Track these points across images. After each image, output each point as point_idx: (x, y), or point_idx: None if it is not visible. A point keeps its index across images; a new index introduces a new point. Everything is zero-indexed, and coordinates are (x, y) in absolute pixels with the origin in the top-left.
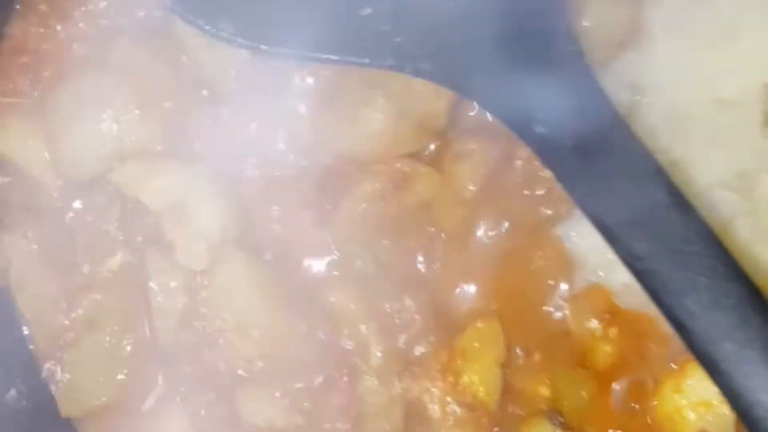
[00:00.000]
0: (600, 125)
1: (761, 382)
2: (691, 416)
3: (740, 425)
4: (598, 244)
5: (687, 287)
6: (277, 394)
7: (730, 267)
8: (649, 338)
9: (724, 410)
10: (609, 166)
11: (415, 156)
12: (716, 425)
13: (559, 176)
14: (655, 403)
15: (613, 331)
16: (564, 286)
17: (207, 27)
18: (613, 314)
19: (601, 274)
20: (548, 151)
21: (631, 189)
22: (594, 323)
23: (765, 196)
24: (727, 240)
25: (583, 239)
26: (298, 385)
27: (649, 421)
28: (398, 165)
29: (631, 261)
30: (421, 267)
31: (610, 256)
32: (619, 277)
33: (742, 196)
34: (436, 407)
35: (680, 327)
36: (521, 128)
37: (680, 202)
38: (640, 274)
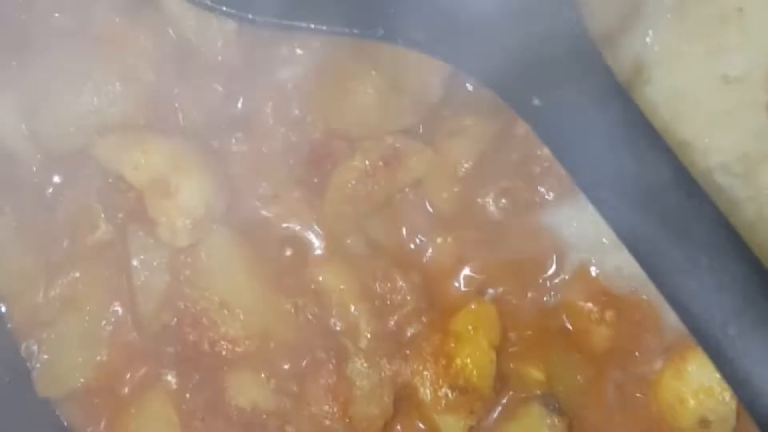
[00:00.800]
0: (600, 99)
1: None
2: (692, 403)
3: (742, 413)
4: (590, 227)
5: (689, 267)
6: (263, 376)
7: (735, 247)
8: (645, 325)
9: (726, 397)
10: (609, 142)
11: (407, 132)
12: (717, 413)
13: (557, 152)
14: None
15: (609, 314)
16: (557, 270)
17: None
18: (609, 297)
19: (593, 259)
20: (545, 126)
21: (633, 166)
22: (590, 306)
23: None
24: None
25: (576, 222)
26: (285, 366)
27: (649, 408)
28: (390, 141)
29: (630, 240)
30: (413, 246)
31: (603, 239)
32: (611, 261)
33: (743, 182)
34: (428, 391)
35: (682, 310)
36: (517, 101)
37: (684, 179)
38: (639, 254)
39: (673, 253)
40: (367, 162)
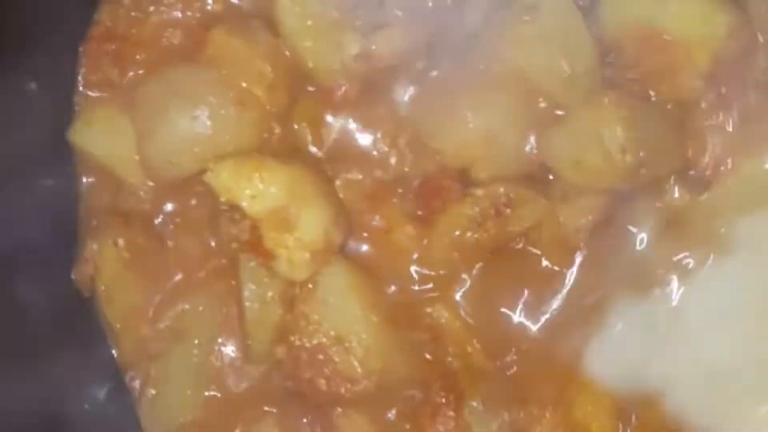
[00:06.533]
0: None
1: None
2: None
3: None
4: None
5: None
6: (378, 416)
7: None
8: None
9: None
10: None
11: (523, 179)
12: None
13: None
14: None
15: None
16: None
17: None
18: None
19: None
20: None
21: None
22: None
23: None
24: None
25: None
26: (400, 406)
27: None
28: (503, 189)
29: None
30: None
31: None
32: None
33: None
34: None
35: None
36: None
37: None
38: None
39: None
40: (477, 209)
